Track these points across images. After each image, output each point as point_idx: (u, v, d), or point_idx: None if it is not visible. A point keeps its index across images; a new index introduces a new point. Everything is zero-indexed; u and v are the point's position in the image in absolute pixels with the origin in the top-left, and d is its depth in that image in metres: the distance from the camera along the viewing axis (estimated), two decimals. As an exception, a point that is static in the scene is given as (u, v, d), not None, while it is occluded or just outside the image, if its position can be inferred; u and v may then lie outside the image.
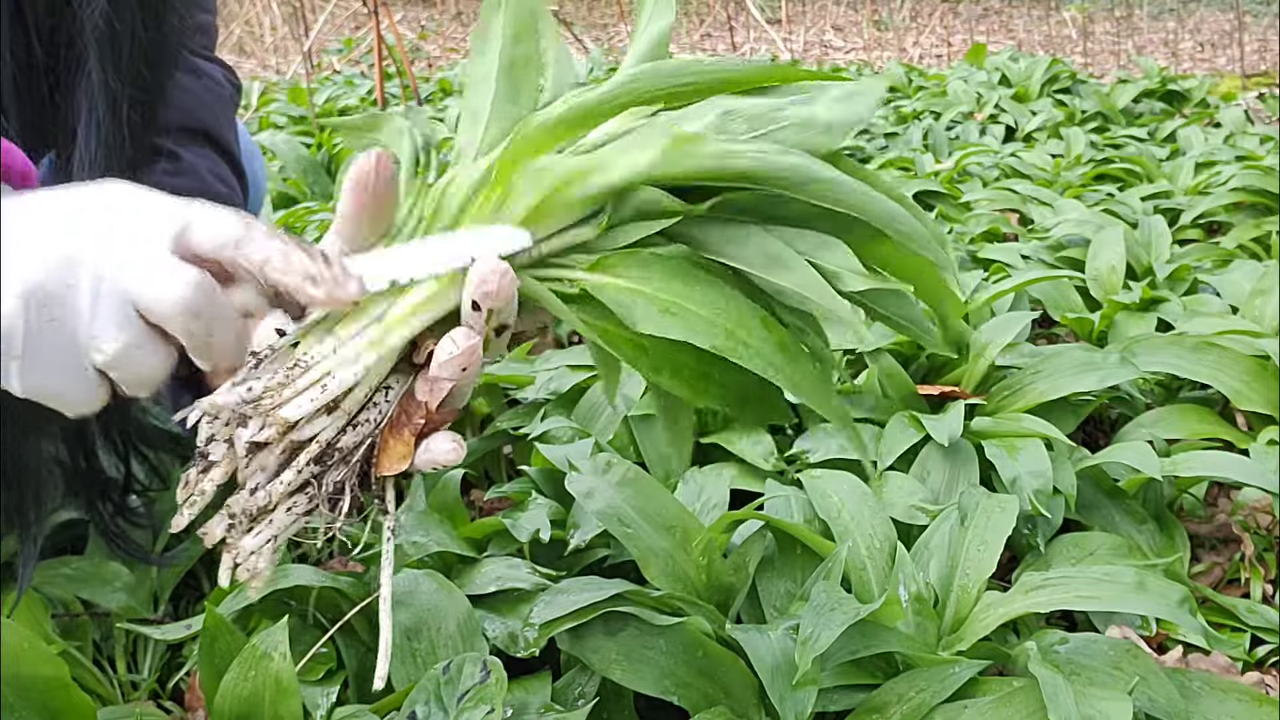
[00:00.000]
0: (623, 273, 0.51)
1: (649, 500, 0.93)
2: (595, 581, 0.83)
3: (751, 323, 0.50)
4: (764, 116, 0.50)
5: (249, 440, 0.49)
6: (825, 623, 0.73)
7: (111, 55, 0.78)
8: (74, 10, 0.78)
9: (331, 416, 0.50)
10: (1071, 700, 0.68)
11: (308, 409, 0.49)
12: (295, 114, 3.48)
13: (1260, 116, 3.27)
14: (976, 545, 0.90)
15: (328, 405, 0.49)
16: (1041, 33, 6.61)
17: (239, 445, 0.49)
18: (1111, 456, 1.09)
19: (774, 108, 0.51)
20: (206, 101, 0.91)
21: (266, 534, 0.51)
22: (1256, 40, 5.55)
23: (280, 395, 0.49)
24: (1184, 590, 0.80)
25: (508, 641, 0.82)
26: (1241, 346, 1.25)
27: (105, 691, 0.93)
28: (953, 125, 3.23)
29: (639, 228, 0.52)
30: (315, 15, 5.52)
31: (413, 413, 0.52)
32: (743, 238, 0.52)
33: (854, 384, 1.22)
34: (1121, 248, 1.70)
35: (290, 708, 0.74)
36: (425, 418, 0.52)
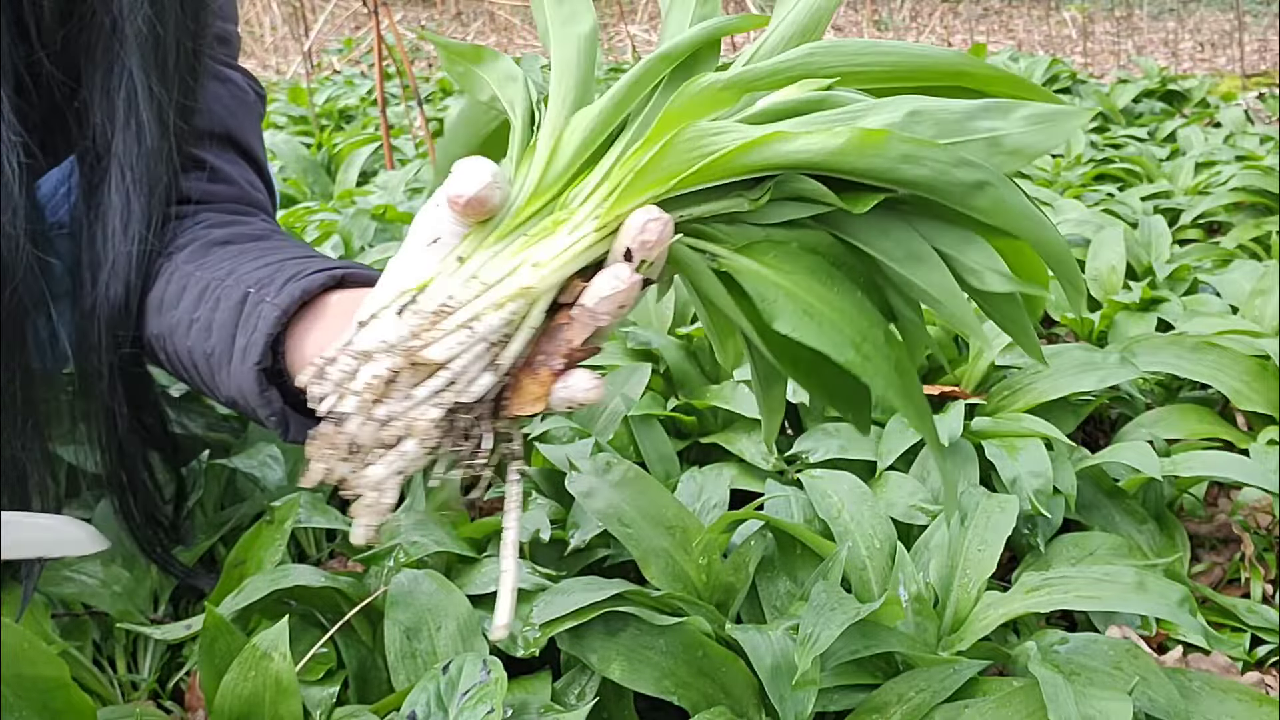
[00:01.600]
0: (769, 262, 0.51)
1: (649, 500, 0.93)
2: (595, 581, 0.83)
3: (878, 337, 0.50)
4: (953, 125, 0.48)
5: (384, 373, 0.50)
6: (825, 623, 0.73)
7: (156, 61, 0.78)
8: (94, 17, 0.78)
9: (474, 355, 0.50)
10: (1071, 700, 0.68)
11: (454, 351, 0.50)
12: (295, 114, 3.49)
13: (1260, 116, 3.27)
14: (976, 545, 0.90)
15: (474, 346, 0.50)
16: (1041, 33, 6.61)
17: (369, 380, 0.50)
18: (1111, 456, 1.09)
19: (965, 115, 0.48)
20: (233, 109, 0.91)
21: (397, 464, 0.51)
22: (1256, 40, 5.55)
23: (428, 337, 0.50)
24: (1184, 590, 0.80)
25: (508, 641, 0.82)
26: (1241, 346, 1.25)
27: (105, 691, 0.93)
28: (953, 125, 3.23)
29: (791, 208, 0.51)
30: (315, 15, 5.52)
31: (551, 353, 0.53)
32: (885, 228, 0.51)
33: (854, 384, 1.22)
34: (1121, 248, 1.70)
35: (290, 708, 0.74)
36: (567, 355, 0.53)
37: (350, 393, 0.51)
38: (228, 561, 0.97)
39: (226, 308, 0.73)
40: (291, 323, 0.70)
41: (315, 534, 1.16)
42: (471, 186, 0.52)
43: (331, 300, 0.70)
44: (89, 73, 0.81)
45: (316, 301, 0.70)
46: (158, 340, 0.80)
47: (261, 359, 0.69)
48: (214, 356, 0.74)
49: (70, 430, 0.94)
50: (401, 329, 0.50)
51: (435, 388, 0.50)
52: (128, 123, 0.79)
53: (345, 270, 0.72)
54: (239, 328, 0.71)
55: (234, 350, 0.71)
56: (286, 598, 0.89)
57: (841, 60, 0.51)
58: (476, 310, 0.51)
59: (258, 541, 0.97)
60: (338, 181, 2.61)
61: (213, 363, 0.74)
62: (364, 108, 3.75)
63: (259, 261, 0.75)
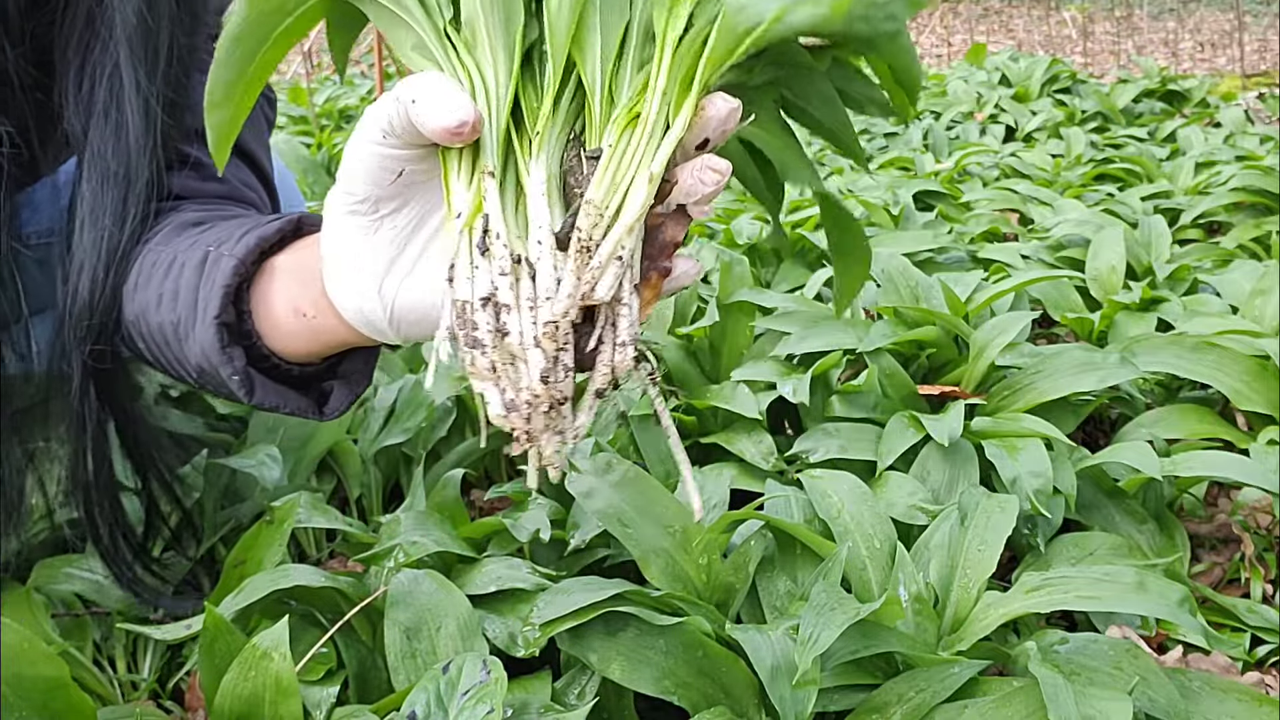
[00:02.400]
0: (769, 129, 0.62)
1: (649, 500, 0.93)
2: (595, 581, 0.83)
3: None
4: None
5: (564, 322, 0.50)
6: (825, 623, 0.73)
7: (146, 54, 0.76)
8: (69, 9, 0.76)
9: (626, 281, 0.52)
10: (1071, 700, 0.68)
11: (614, 283, 0.51)
12: (295, 114, 3.49)
13: (1260, 116, 3.27)
14: (976, 545, 0.90)
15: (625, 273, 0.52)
16: (1041, 33, 6.61)
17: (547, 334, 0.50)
18: (1111, 456, 1.09)
19: None
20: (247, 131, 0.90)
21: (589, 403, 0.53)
22: (1256, 40, 5.55)
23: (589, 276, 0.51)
24: (1184, 590, 0.80)
25: (508, 641, 0.82)
26: (1241, 346, 1.25)
27: (105, 691, 0.93)
28: (953, 125, 3.23)
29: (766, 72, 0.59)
30: (315, 15, 5.50)
31: (656, 256, 0.55)
32: (810, 79, 0.61)
33: (854, 384, 1.22)
34: (1121, 248, 1.70)
35: (290, 708, 0.74)
36: (671, 253, 0.55)
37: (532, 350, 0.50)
38: (228, 561, 0.97)
39: (189, 272, 0.70)
40: (253, 276, 0.68)
41: (315, 534, 1.16)
42: (463, 108, 0.51)
43: (293, 248, 0.68)
44: (64, 66, 0.78)
45: (276, 250, 0.68)
46: (133, 326, 0.77)
47: (221, 312, 0.66)
48: (180, 324, 0.70)
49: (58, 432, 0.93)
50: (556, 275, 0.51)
51: (620, 323, 0.52)
52: (106, 116, 0.76)
53: (301, 215, 0.69)
54: (199, 288, 0.68)
55: (196, 312, 0.68)
56: (286, 598, 0.89)
57: None
58: (619, 236, 0.51)
59: (258, 541, 0.97)
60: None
61: (180, 331, 0.70)
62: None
63: (225, 228, 0.72)
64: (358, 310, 0.59)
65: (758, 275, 1.68)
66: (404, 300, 0.58)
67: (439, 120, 0.51)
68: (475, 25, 0.55)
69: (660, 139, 0.53)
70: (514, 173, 0.54)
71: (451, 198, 0.54)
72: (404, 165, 0.56)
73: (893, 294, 1.42)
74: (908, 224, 2.02)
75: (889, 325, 1.30)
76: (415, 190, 0.58)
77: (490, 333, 0.50)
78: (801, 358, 1.28)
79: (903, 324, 1.33)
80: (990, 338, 1.28)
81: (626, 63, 0.56)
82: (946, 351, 1.35)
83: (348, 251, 0.58)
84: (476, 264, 0.51)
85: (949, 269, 1.73)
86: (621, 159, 0.53)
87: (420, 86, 0.52)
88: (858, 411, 1.20)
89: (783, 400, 1.20)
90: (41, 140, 0.82)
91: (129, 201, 0.77)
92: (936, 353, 1.35)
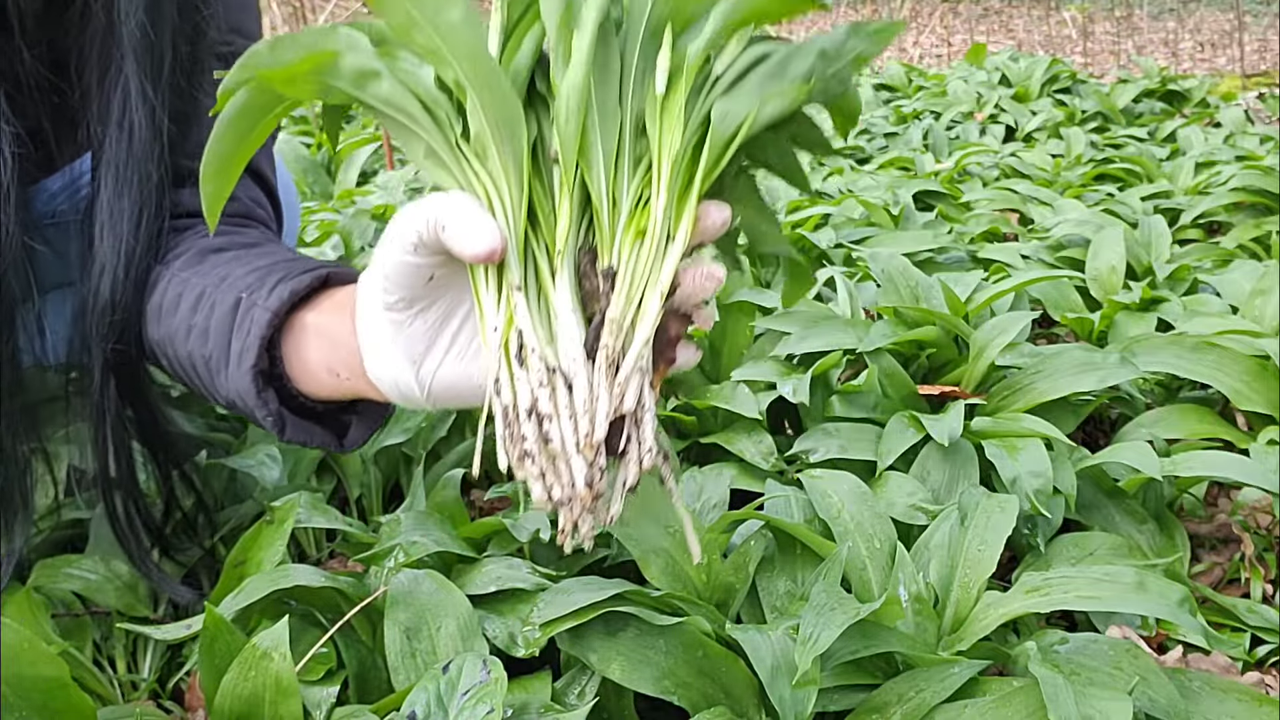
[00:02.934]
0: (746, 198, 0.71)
1: (649, 500, 0.93)
2: (595, 581, 0.83)
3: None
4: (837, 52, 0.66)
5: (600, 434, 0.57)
6: (825, 623, 0.73)
7: (150, 65, 0.79)
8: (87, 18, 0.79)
9: (645, 388, 0.59)
10: (1071, 700, 0.68)
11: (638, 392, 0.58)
12: (295, 114, 3.49)
13: (1260, 116, 3.27)
14: (976, 545, 0.90)
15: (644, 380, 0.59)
16: (1041, 33, 6.61)
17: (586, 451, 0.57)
18: (1111, 456, 1.09)
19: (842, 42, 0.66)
20: None
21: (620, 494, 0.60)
22: (1256, 40, 5.55)
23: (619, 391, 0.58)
24: (1184, 590, 0.80)
25: (508, 641, 0.82)
26: (1241, 346, 1.25)
27: (105, 691, 0.93)
28: (953, 125, 3.23)
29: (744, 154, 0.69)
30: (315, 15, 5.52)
31: (662, 350, 0.62)
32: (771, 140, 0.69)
33: (854, 384, 1.22)
34: (1121, 248, 1.70)
35: (290, 708, 0.74)
36: (673, 338, 0.63)
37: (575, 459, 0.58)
38: (228, 561, 0.97)
39: (221, 313, 0.76)
40: (284, 325, 0.73)
41: (315, 534, 1.16)
42: (493, 235, 0.57)
43: (322, 306, 0.73)
44: (84, 74, 0.82)
45: (307, 303, 0.74)
46: (159, 346, 0.83)
47: (257, 362, 0.73)
48: (212, 360, 0.77)
49: (68, 429, 0.95)
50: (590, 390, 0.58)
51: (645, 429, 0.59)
52: (119, 124, 0.80)
53: (330, 270, 0.75)
54: (234, 332, 0.74)
55: (230, 354, 0.75)
56: (286, 598, 0.89)
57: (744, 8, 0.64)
58: (638, 349, 0.58)
59: (258, 541, 0.97)
60: (338, 181, 2.61)
61: (211, 366, 0.77)
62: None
63: (249, 266, 0.78)
64: (394, 387, 0.65)
65: (758, 275, 1.68)
66: (440, 381, 0.64)
67: (470, 248, 0.57)
68: (485, 140, 0.61)
69: (665, 251, 0.60)
70: (535, 279, 0.61)
71: (484, 310, 0.60)
72: (433, 271, 0.62)
73: (893, 294, 1.42)
74: (908, 224, 2.02)
75: (889, 325, 1.30)
76: (444, 287, 0.63)
77: (536, 441, 0.58)
78: (801, 358, 1.28)
79: (903, 324, 1.33)
80: (990, 338, 1.28)
81: (624, 164, 0.63)
82: (946, 351, 1.35)
83: (385, 340, 0.64)
84: (516, 375, 0.58)
85: (949, 269, 1.74)
86: (633, 276, 0.60)
87: (450, 212, 0.58)
88: (858, 411, 1.20)
89: (783, 400, 1.20)
90: (58, 139, 0.85)
91: (144, 206, 0.81)
92: (936, 353, 1.35)
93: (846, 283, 1.48)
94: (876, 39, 0.67)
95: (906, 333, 1.30)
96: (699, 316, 0.63)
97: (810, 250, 1.78)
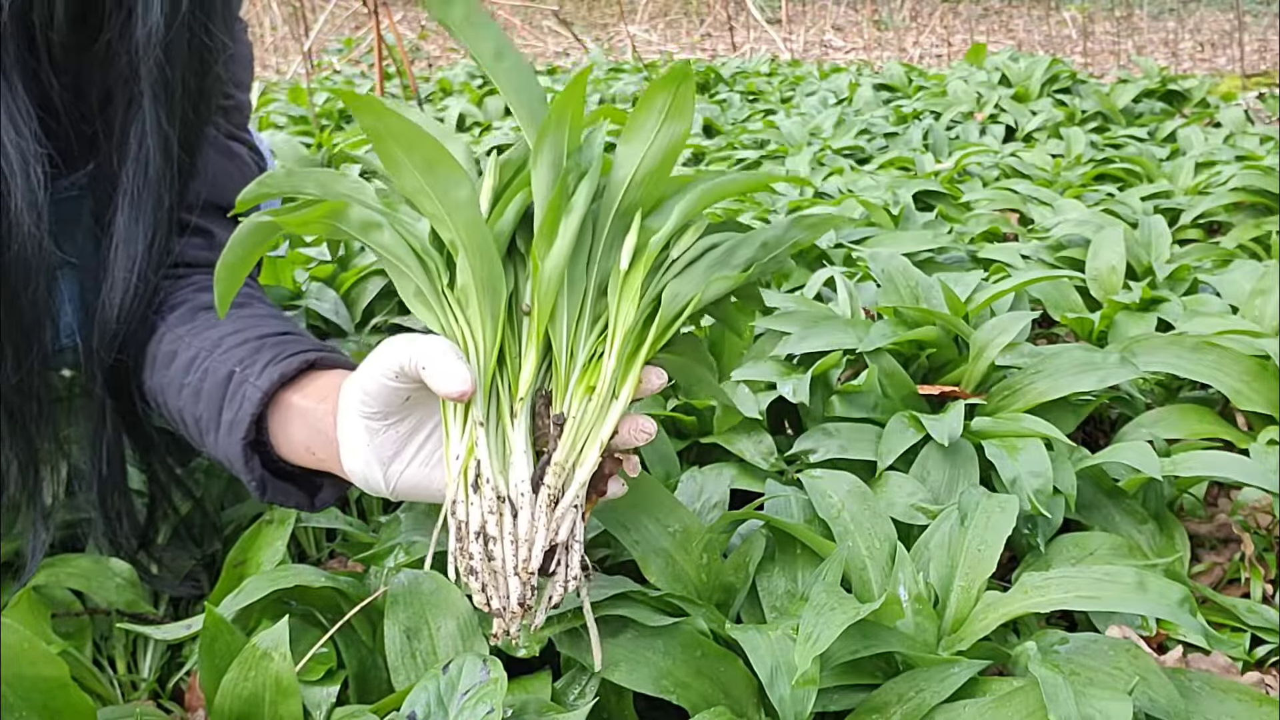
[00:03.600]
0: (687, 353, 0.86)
1: (649, 500, 0.93)
2: (595, 581, 0.83)
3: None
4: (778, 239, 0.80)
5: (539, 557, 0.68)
6: (825, 623, 0.73)
7: (165, 100, 0.86)
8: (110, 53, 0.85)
9: (578, 520, 0.70)
10: (1071, 700, 0.68)
11: (571, 525, 0.69)
12: (295, 114, 3.49)
13: (1260, 116, 3.27)
14: (976, 545, 0.90)
15: (577, 515, 0.70)
16: (1041, 33, 6.61)
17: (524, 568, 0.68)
18: (1111, 456, 1.09)
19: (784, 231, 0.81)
20: (238, 182, 0.97)
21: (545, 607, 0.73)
22: (1256, 40, 5.55)
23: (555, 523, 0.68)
24: (1184, 590, 0.80)
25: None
26: (1241, 346, 1.25)
27: (105, 691, 0.93)
28: (953, 125, 3.23)
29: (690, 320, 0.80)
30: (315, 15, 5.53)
31: (595, 485, 0.74)
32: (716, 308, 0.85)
33: (854, 384, 1.22)
34: (1121, 248, 1.70)
35: (290, 708, 0.74)
36: (605, 476, 0.74)
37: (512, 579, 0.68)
38: (228, 561, 0.97)
39: (214, 382, 0.85)
40: (272, 402, 0.83)
41: (315, 534, 1.16)
42: (465, 380, 0.67)
43: (306, 390, 0.83)
44: (105, 104, 0.88)
45: (293, 384, 0.84)
46: (151, 394, 0.93)
47: (247, 434, 0.82)
48: (202, 421, 0.86)
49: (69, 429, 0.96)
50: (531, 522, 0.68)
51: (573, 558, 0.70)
52: (136, 156, 0.87)
53: (318, 354, 0.86)
54: (225, 402, 0.84)
55: (221, 422, 0.84)
56: (286, 598, 0.89)
57: (703, 199, 0.76)
58: (576, 490, 0.69)
59: (258, 541, 0.97)
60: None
61: (201, 425, 0.86)
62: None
63: (241, 336, 0.88)
64: (363, 480, 0.75)
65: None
66: (404, 482, 0.74)
67: (445, 388, 0.67)
68: (469, 292, 0.71)
69: (609, 406, 0.71)
70: (497, 416, 0.71)
71: (449, 437, 0.70)
72: (409, 393, 0.72)
73: (893, 294, 1.42)
74: (908, 224, 2.02)
75: (889, 325, 1.30)
76: (416, 405, 0.73)
77: (481, 559, 0.68)
78: (801, 358, 1.28)
79: (903, 324, 1.33)
80: (990, 338, 1.28)
81: (584, 322, 0.73)
82: (946, 351, 1.35)
83: (360, 443, 0.73)
84: (470, 500, 0.68)
85: (949, 269, 1.73)
86: (579, 426, 0.70)
87: (430, 355, 0.68)
88: (858, 411, 1.20)
89: (783, 400, 1.20)
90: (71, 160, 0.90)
91: (156, 229, 0.89)
92: (936, 353, 1.35)
93: (846, 283, 1.48)
94: (814, 230, 0.81)
95: (906, 333, 1.30)
96: (628, 464, 0.74)
97: (810, 250, 1.78)
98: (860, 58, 5.91)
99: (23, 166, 0.80)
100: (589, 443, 0.70)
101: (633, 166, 0.74)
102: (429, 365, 0.67)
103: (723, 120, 3.55)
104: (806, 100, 3.87)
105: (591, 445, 0.70)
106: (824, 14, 7.65)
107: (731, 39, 6.58)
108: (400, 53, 2.55)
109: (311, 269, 1.64)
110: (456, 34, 0.74)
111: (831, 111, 3.44)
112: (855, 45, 6.56)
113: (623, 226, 0.75)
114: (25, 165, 0.80)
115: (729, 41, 6.60)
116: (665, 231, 0.74)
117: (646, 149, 0.73)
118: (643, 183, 0.75)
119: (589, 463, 0.69)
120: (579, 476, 0.69)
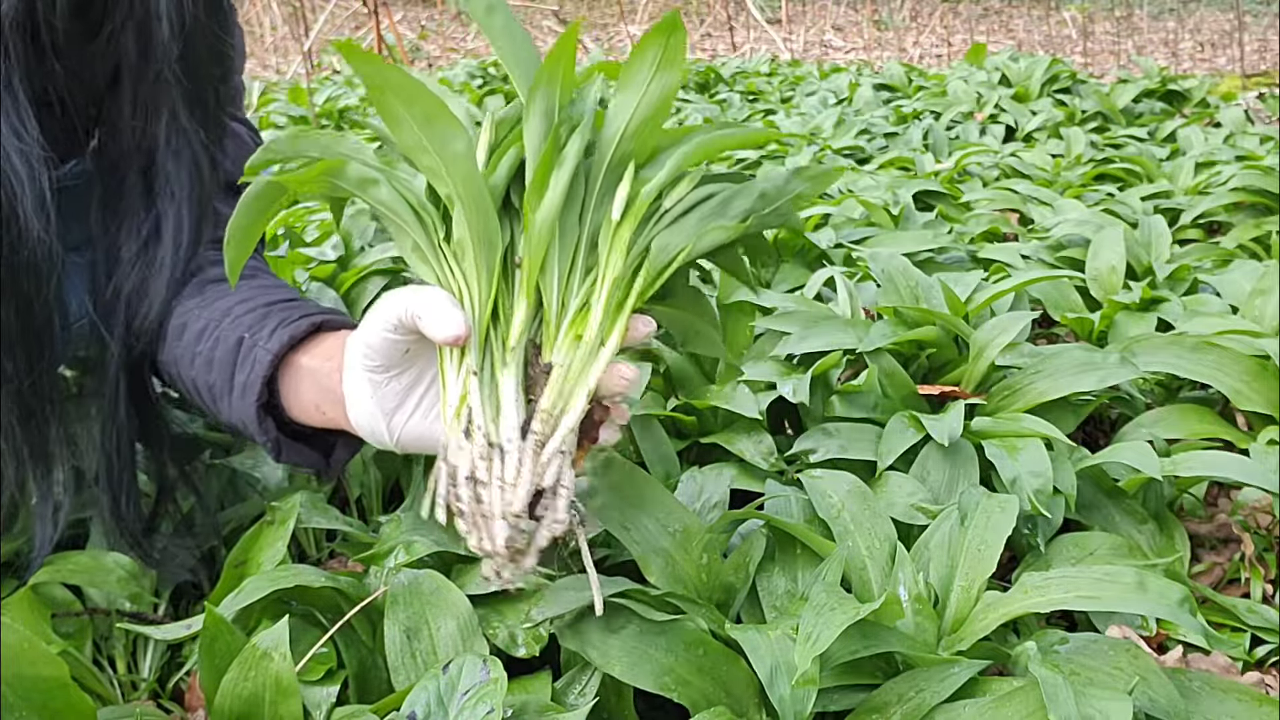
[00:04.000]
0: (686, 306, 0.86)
1: (649, 500, 0.93)
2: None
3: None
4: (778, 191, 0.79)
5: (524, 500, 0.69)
6: (825, 622, 0.73)
7: (186, 99, 0.88)
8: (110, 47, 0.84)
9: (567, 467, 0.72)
10: (1071, 700, 0.68)
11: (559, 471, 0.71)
12: (295, 114, 3.49)
13: (1260, 116, 3.27)
14: (976, 545, 0.90)
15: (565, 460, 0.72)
16: (1041, 33, 6.61)
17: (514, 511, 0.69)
18: (1111, 456, 1.09)
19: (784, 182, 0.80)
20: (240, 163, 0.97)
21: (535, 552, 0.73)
22: (1256, 40, 5.55)
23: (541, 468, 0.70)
24: (1184, 590, 0.80)
25: (508, 641, 0.82)
26: (1241, 346, 1.25)
27: (105, 691, 0.93)
28: (953, 125, 3.23)
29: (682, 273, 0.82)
30: (315, 15, 5.53)
31: (586, 432, 0.74)
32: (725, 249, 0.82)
33: (854, 384, 1.22)
34: (1121, 248, 1.70)
35: (290, 708, 0.74)
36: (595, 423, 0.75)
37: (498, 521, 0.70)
38: (228, 561, 0.97)
39: (225, 349, 0.88)
40: (282, 364, 0.86)
41: (315, 534, 1.16)
42: (459, 324, 0.69)
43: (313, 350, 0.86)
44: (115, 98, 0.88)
45: (301, 346, 0.86)
46: (164, 367, 0.95)
47: (260, 396, 0.85)
48: (215, 388, 0.88)
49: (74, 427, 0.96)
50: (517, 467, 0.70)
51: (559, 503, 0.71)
52: (170, 149, 0.88)
53: (324, 316, 0.88)
54: (236, 367, 0.87)
55: (234, 386, 0.87)
56: (286, 598, 0.89)
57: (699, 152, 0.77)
58: (561, 436, 0.70)
59: (258, 541, 0.97)
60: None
61: (215, 392, 0.89)
62: (364, 108, 3.75)
63: (249, 305, 0.90)
64: (370, 432, 0.79)
65: (758, 275, 1.68)
66: (407, 433, 0.78)
67: (440, 333, 0.69)
68: (465, 245, 0.72)
69: (596, 354, 0.72)
70: (490, 366, 0.72)
71: (446, 385, 0.72)
72: (408, 346, 0.75)
73: (893, 294, 1.42)
74: (908, 224, 2.02)
75: (889, 325, 1.30)
76: (416, 357, 0.77)
77: (470, 502, 0.70)
78: (801, 358, 1.28)
79: (903, 324, 1.33)
80: (990, 338, 1.28)
81: (576, 273, 0.74)
82: (946, 351, 1.35)
83: (364, 396, 0.77)
84: (461, 445, 0.70)
85: (949, 269, 1.73)
86: (566, 374, 0.71)
87: (425, 304, 0.70)
88: (858, 411, 1.20)
89: (783, 400, 1.20)
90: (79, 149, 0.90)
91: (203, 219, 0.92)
92: (936, 353, 1.35)
93: (846, 283, 1.48)
94: (816, 183, 0.80)
95: (906, 333, 1.30)
96: (616, 411, 0.75)
97: (810, 250, 1.78)
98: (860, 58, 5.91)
99: (29, 171, 0.80)
100: (576, 390, 0.71)
101: (626, 117, 0.74)
102: (424, 314, 0.70)
103: (723, 120, 3.55)
104: (806, 100, 3.87)
105: (578, 392, 0.71)
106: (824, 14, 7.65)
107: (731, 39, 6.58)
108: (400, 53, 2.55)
109: (311, 269, 1.64)
110: None
111: (831, 111, 3.45)
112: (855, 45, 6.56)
113: (616, 178, 0.76)
114: (31, 169, 0.80)
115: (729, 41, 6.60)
116: (657, 182, 0.75)
117: (640, 98, 0.74)
118: (636, 133, 0.75)
119: (576, 409, 0.71)
120: (565, 423, 0.71)
